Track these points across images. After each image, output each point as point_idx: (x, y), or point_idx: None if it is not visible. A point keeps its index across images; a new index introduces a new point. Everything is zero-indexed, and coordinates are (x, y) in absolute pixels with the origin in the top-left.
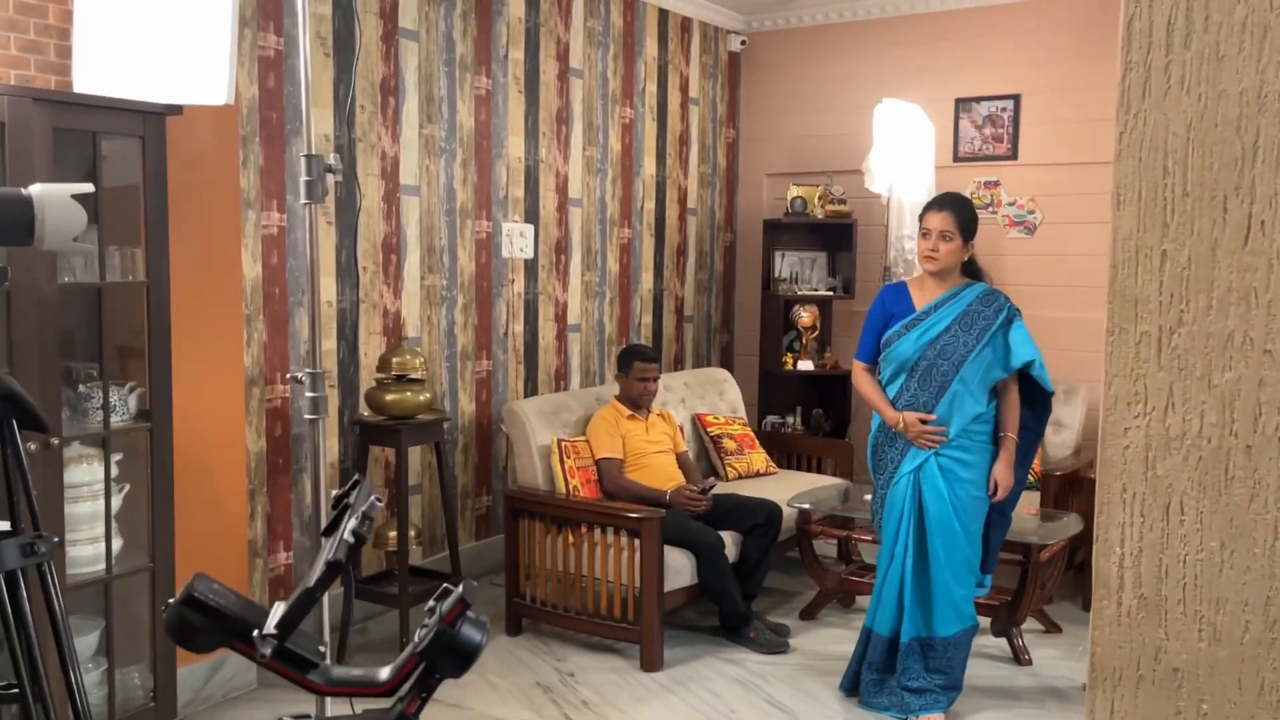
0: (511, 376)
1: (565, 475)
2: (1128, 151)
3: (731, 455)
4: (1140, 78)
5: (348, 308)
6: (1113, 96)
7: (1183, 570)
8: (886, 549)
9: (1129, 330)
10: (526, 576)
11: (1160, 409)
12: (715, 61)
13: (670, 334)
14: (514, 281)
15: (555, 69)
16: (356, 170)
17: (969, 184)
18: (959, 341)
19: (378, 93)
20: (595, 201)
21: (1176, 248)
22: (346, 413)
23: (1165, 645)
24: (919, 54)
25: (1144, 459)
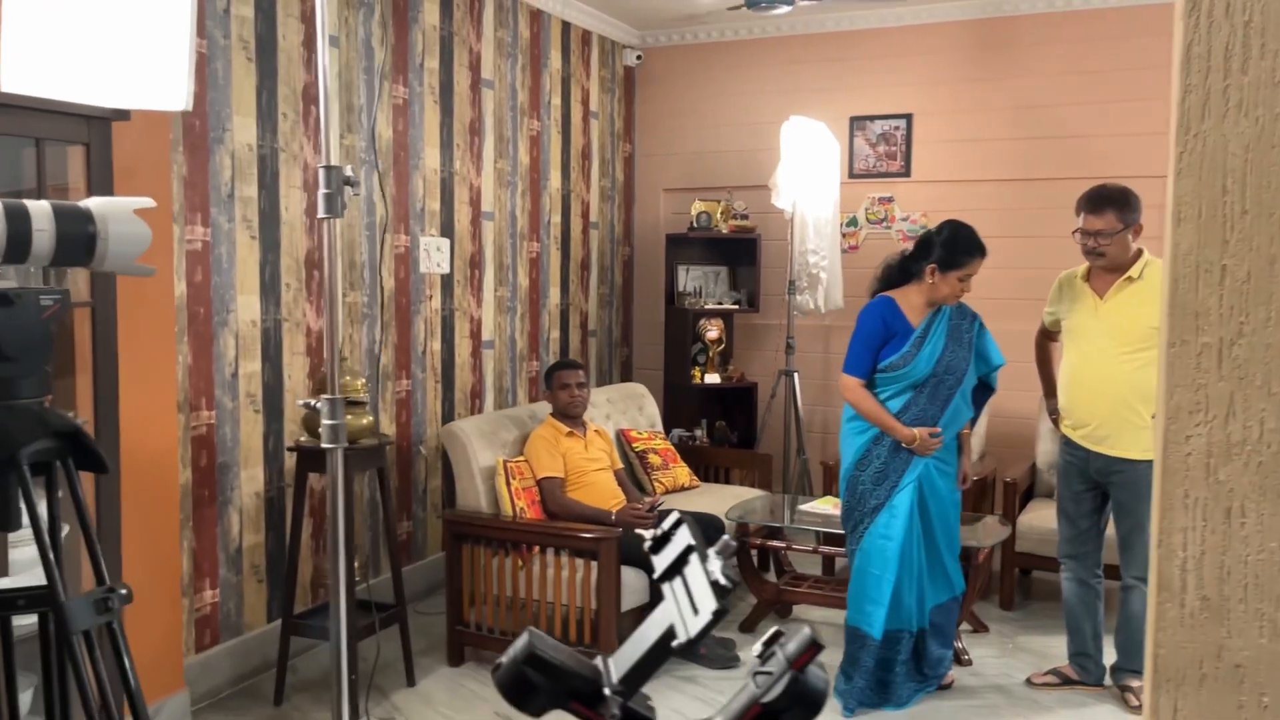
0: (430, 396)
1: (511, 497)
2: (1187, 170)
3: (657, 470)
4: (1199, 100)
5: (271, 327)
6: (997, 117)
7: (1244, 571)
8: (892, 558)
9: (1190, 342)
10: (470, 603)
11: (1221, 417)
12: (613, 76)
13: (576, 349)
14: (431, 297)
15: (468, 79)
16: (280, 182)
17: (864, 200)
18: (958, 356)
19: (299, 100)
20: (506, 215)
21: (1236, 263)
22: (272, 439)
23: (1227, 643)
24: (815, 73)
25: (1205, 465)
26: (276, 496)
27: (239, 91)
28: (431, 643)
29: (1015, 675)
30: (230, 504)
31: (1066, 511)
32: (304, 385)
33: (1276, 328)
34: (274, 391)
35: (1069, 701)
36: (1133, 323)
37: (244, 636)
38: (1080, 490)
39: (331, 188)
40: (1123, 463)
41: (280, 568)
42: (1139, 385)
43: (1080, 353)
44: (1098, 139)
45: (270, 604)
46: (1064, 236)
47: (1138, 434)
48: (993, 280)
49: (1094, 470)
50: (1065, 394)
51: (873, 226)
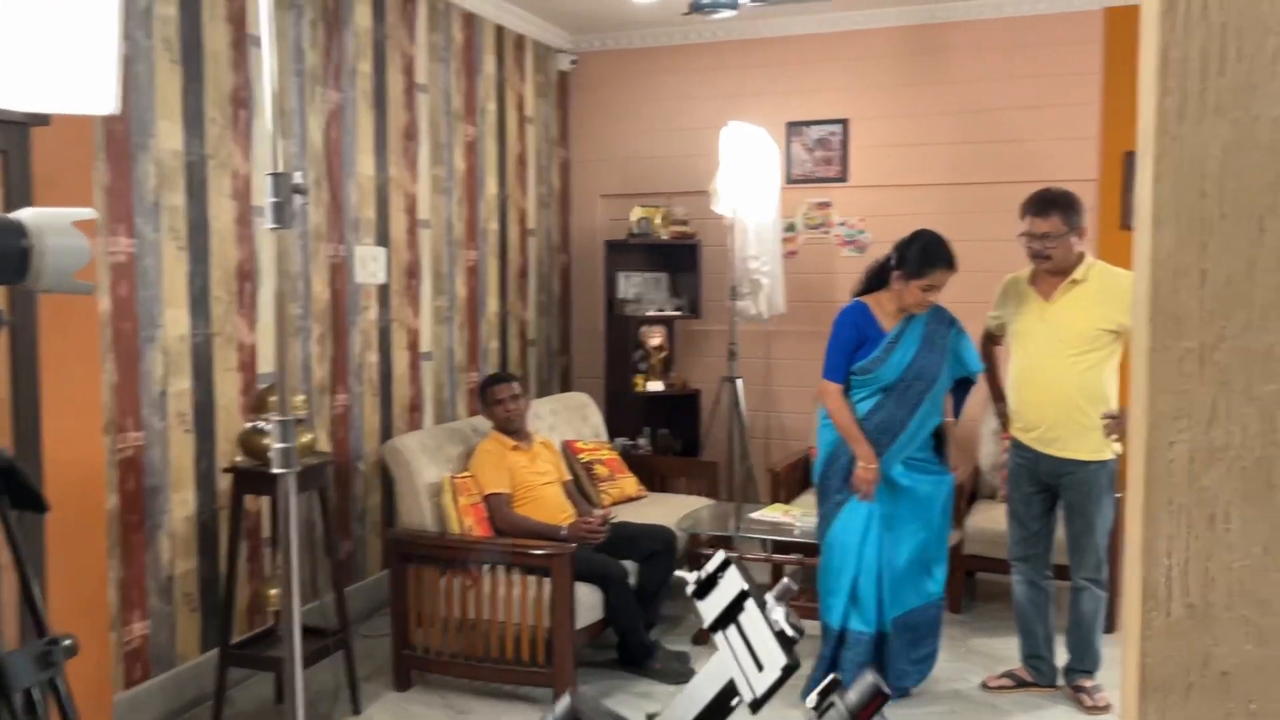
0: (368, 411)
1: (458, 514)
2: (1165, 174)
3: (604, 481)
4: (1176, 103)
5: (202, 342)
6: (933, 122)
7: (1229, 577)
8: (851, 552)
9: (1172, 347)
10: (417, 625)
11: (1204, 422)
12: (547, 80)
13: (515, 359)
14: (368, 309)
15: (402, 83)
16: (208, 190)
17: (802, 205)
18: (931, 362)
19: (228, 104)
20: (443, 222)
21: (1215, 266)
22: (204, 460)
23: (1214, 651)
24: (751, 78)
25: (1189, 471)
26: (210, 520)
27: (164, 95)
28: (376, 667)
29: (970, 679)
30: (160, 529)
31: (1017, 514)
32: (237, 403)
33: (1258, 331)
34: (206, 410)
35: (1025, 704)
36: (1079, 324)
37: (177, 669)
38: (1030, 492)
39: (280, 196)
40: (1073, 464)
41: (214, 595)
42: (1087, 386)
43: (1028, 355)
44: (1031, 143)
45: (204, 633)
46: (1001, 240)
47: (1087, 435)
48: None
49: (1044, 472)
50: (1014, 397)
51: (811, 232)
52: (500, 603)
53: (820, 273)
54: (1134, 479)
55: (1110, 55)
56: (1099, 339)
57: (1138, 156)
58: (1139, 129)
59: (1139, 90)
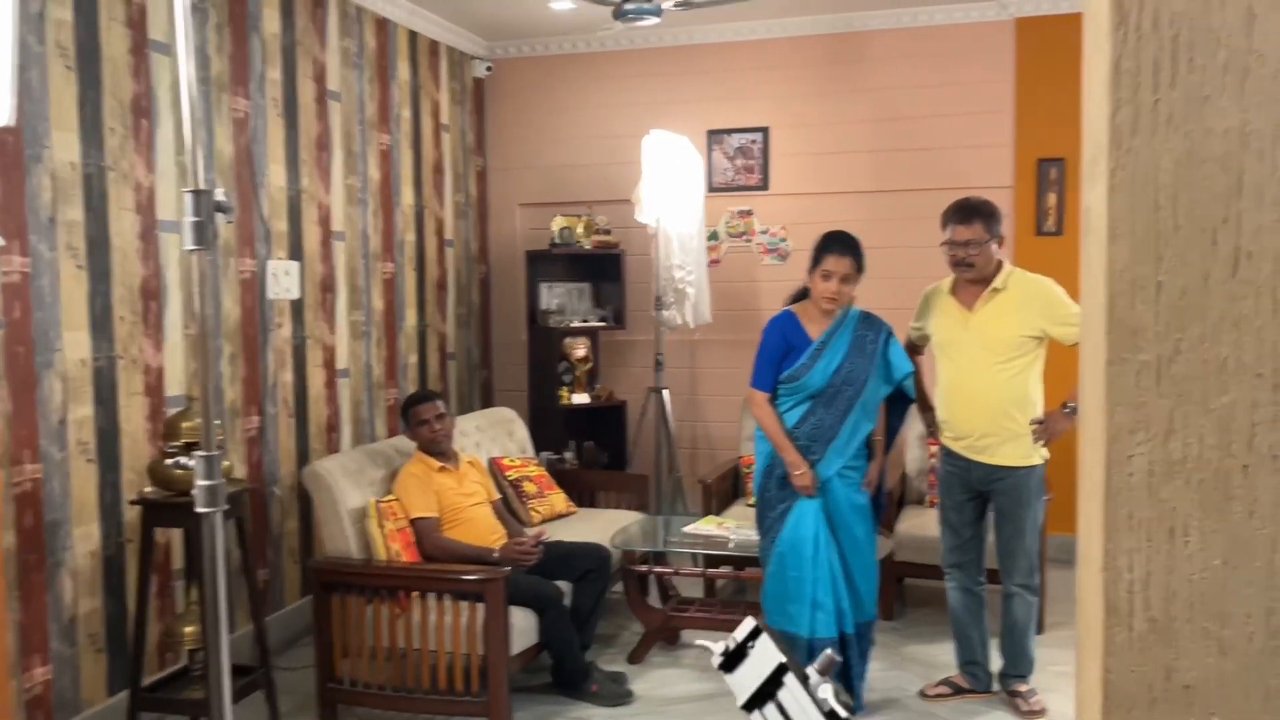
0: (283, 433)
1: (385, 540)
2: (1120, 187)
3: (533, 499)
4: (1130, 115)
5: (104, 365)
6: (852, 130)
7: (1189, 590)
8: (806, 558)
9: (1129, 360)
10: (343, 656)
11: (1161, 435)
12: (463, 88)
13: (435, 373)
14: (281, 325)
15: (313, 91)
16: (108, 204)
17: (724, 214)
18: (858, 367)
19: (128, 113)
20: (358, 234)
21: (1171, 279)
22: (109, 491)
23: (1176, 664)
24: (671, 86)
25: (1148, 485)
26: (115, 555)
27: (58, 104)
28: (299, 702)
29: (908, 688)
30: (62, 566)
31: (949, 521)
32: (144, 430)
33: (1213, 343)
34: (109, 438)
35: (964, 711)
36: (1004, 332)
37: (83, 715)
38: (962, 500)
39: (202, 215)
40: (1004, 470)
41: (122, 634)
42: (1014, 393)
43: (955, 365)
44: (947, 151)
45: (111, 676)
46: (919, 246)
47: (1016, 441)
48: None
49: (975, 479)
50: (944, 406)
51: (733, 240)
52: (431, 631)
53: (743, 281)
54: (1091, 493)
55: (1022, 64)
56: (1023, 345)
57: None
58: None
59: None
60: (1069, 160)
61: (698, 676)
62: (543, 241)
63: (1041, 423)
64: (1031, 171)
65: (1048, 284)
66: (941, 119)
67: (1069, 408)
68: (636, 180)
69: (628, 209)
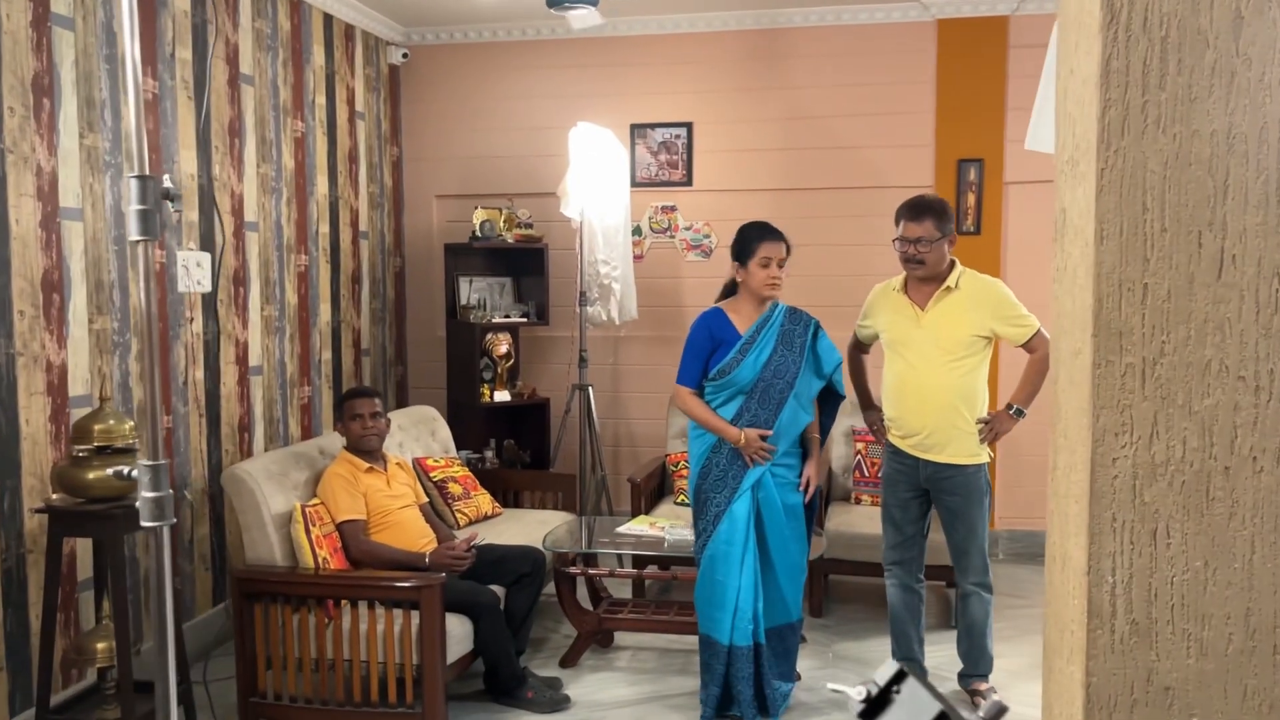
0: (195, 433)
1: (312, 546)
2: (1109, 187)
3: (458, 500)
4: (1119, 115)
5: (2, 363)
6: (775, 128)
7: (1170, 591)
8: (735, 564)
9: (1114, 362)
10: (267, 668)
11: (1146, 437)
12: (378, 74)
13: (349, 370)
14: (192, 320)
15: (226, 73)
16: (7, 189)
17: (647, 209)
18: (788, 360)
19: (29, 92)
20: (272, 225)
21: (1157, 281)
22: (7, 498)
23: (1156, 666)
24: (594, 78)
25: (1131, 487)
26: (15, 566)
27: None
28: (219, 717)
29: (847, 689)
30: None
31: (893, 518)
32: (45, 431)
33: (1197, 346)
34: (8, 441)
35: None
36: (956, 331)
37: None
38: (908, 498)
39: (148, 202)
40: (952, 469)
41: (23, 651)
42: (965, 391)
43: (906, 363)
44: (869, 150)
45: (13, 696)
46: (840, 245)
47: (966, 440)
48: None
49: (923, 478)
50: (893, 404)
51: (657, 236)
52: (362, 640)
53: (667, 277)
54: (1072, 495)
55: (943, 65)
56: (974, 344)
57: (1065, 168)
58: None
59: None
60: (988, 161)
61: (633, 679)
62: (461, 234)
63: (987, 422)
64: (951, 172)
65: (998, 285)
66: (863, 118)
67: (1013, 409)
68: (559, 173)
69: (549, 202)
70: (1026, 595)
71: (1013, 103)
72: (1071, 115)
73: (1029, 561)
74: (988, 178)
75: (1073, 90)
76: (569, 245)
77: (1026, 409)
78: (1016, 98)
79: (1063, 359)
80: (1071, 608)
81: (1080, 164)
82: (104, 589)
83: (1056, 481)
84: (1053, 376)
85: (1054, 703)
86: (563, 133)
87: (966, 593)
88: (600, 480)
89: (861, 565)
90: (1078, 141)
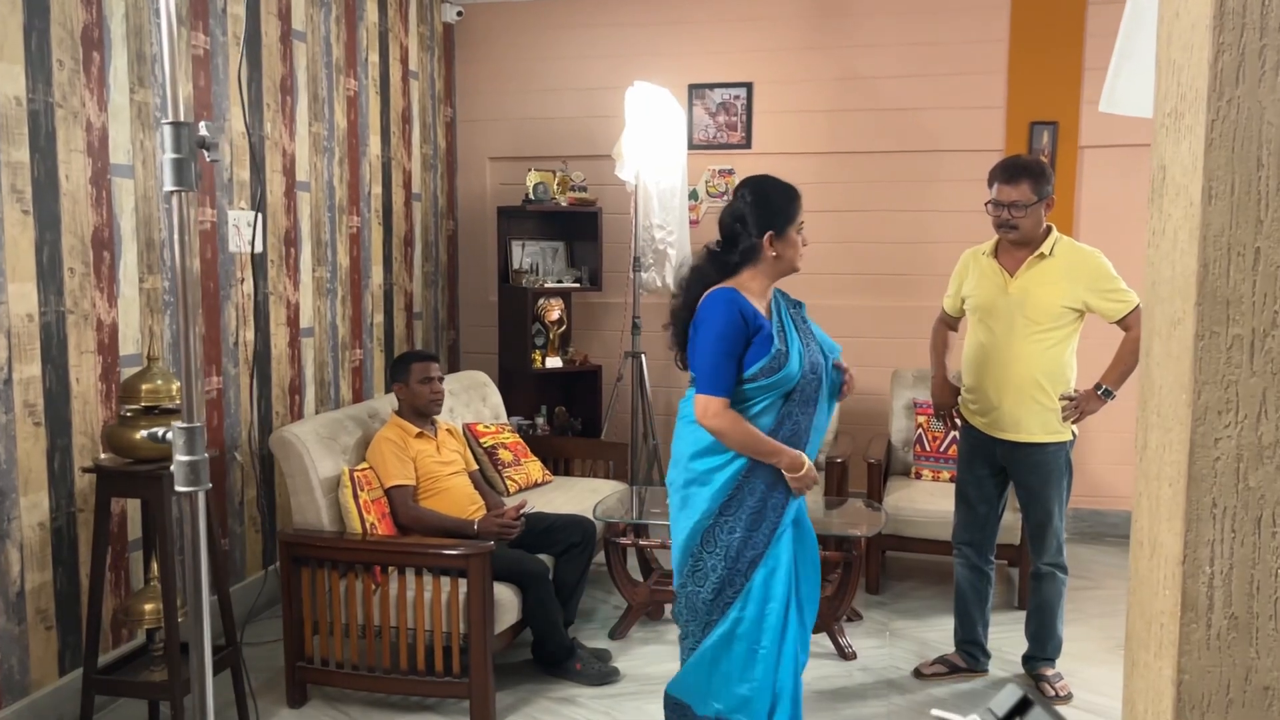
0: (244, 394)
1: (360, 511)
2: (1219, 141)
3: (509, 467)
4: (1234, 61)
5: (53, 321)
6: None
7: (1275, 584)
8: (775, 631)
9: (1220, 334)
10: (314, 633)
11: (1252, 417)
12: (432, 32)
13: (401, 333)
14: (243, 280)
15: (278, 29)
16: (57, 144)
17: (704, 172)
18: (813, 349)
19: (78, 45)
20: (323, 185)
21: (1271, 245)
22: (58, 457)
23: (1256, 664)
24: (651, 37)
25: (1235, 470)
26: (65, 525)
27: (2, 33)
28: (265, 681)
29: (902, 666)
30: (8, 539)
31: (966, 496)
32: (95, 390)
33: None
34: (58, 399)
35: (964, 692)
36: (1045, 301)
37: (32, 697)
38: (983, 475)
39: (182, 151)
40: (1030, 447)
41: (73, 611)
42: (1048, 365)
43: (989, 331)
44: (937, 111)
45: (62, 655)
46: (905, 210)
47: (1046, 416)
48: (829, 254)
49: (1000, 454)
50: (972, 374)
51: (714, 200)
52: (409, 607)
53: None
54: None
55: (1017, 22)
56: (1063, 316)
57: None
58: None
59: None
60: (1062, 124)
61: None
62: (514, 197)
63: (1073, 399)
64: (1023, 135)
65: (1097, 255)
66: (930, 78)
67: (1102, 390)
68: (614, 135)
69: (604, 165)
70: (1091, 576)
71: (1090, 62)
72: (1176, 62)
73: (1093, 541)
74: (1062, 141)
75: (1178, 35)
76: (623, 209)
77: (1116, 390)
78: (1094, 57)
79: (1157, 329)
80: (1162, 599)
81: (1185, 116)
82: (152, 550)
83: (1147, 462)
84: (1145, 348)
85: (1138, 699)
86: (619, 93)
87: (1040, 572)
88: (652, 449)
89: (917, 542)
90: (1183, 91)
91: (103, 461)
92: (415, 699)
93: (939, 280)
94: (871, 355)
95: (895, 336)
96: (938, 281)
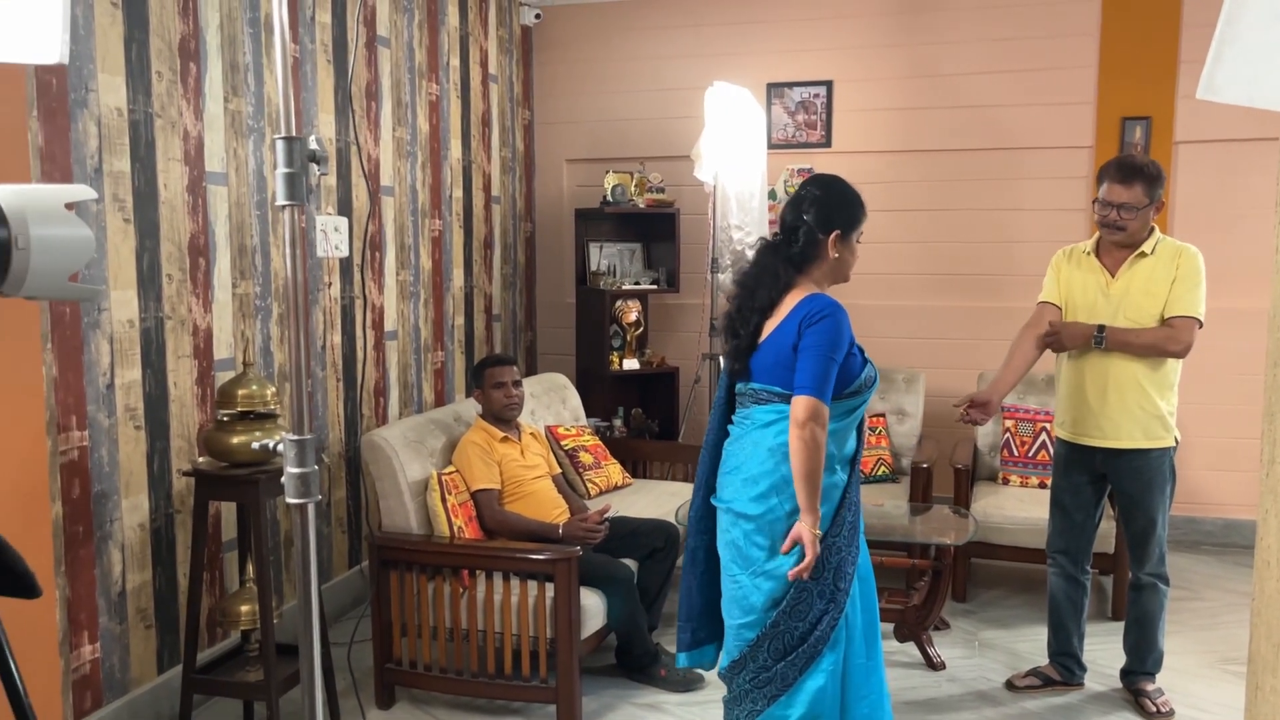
0: (332, 396)
1: (448, 515)
2: None
3: (589, 470)
4: None
5: (152, 327)
6: (920, 86)
7: None
8: (878, 638)
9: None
10: (402, 635)
11: None
12: (510, 35)
13: (481, 335)
14: (330, 284)
15: (364, 36)
16: (156, 153)
17: (783, 172)
18: None
19: (176, 56)
20: (407, 189)
21: None
22: (157, 459)
23: None
24: (728, 36)
25: None
26: (164, 526)
27: (104, 44)
28: (351, 683)
29: (993, 678)
30: (110, 539)
31: (1061, 504)
32: (192, 394)
33: None
34: (157, 403)
35: (1060, 707)
36: (1146, 301)
37: (131, 695)
38: (1081, 482)
39: (294, 165)
40: (1132, 453)
41: (170, 610)
42: (1150, 368)
43: None
44: (1023, 108)
45: (161, 653)
46: (989, 209)
47: (1149, 421)
48: (912, 254)
49: (1099, 461)
50: (1068, 383)
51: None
52: (496, 611)
53: None
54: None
55: (1108, 15)
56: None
57: None
58: None
59: None
60: (1156, 119)
61: None
62: (591, 199)
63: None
64: (1114, 131)
65: (1195, 255)
66: (1016, 74)
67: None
68: (691, 136)
69: (682, 166)
70: (1189, 586)
71: (1186, 55)
72: None
73: (1189, 550)
74: (1155, 137)
75: None
76: (701, 210)
77: (1109, 342)
78: (1191, 49)
79: None
80: None
81: None
82: (247, 552)
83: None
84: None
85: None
86: (696, 93)
87: (1141, 583)
88: None
89: (1010, 550)
90: None
91: (200, 465)
92: (501, 703)
93: (1024, 281)
94: (957, 357)
95: (981, 338)
96: (1023, 282)
